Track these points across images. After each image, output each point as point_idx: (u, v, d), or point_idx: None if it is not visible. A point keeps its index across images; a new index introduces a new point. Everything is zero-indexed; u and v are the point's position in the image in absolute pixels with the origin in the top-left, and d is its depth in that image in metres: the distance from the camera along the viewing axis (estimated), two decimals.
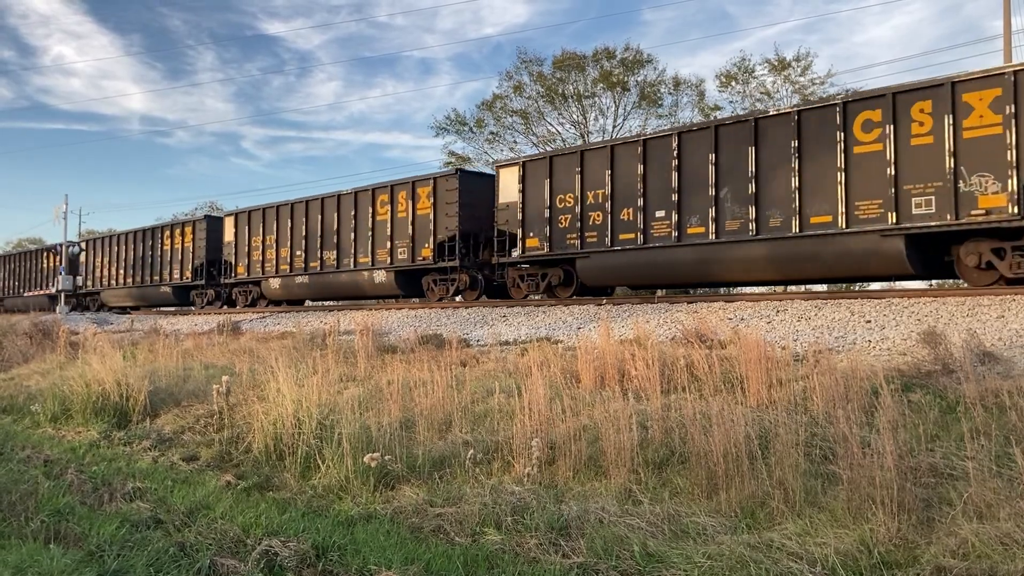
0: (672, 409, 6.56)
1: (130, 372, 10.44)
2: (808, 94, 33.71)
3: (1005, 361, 7.42)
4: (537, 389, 6.79)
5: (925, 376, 7.09)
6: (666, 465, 5.85)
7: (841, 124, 12.90)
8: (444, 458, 6.58)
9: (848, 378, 6.57)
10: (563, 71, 38.80)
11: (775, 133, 13.79)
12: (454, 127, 41.28)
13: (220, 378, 9.47)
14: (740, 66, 36.61)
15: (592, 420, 6.61)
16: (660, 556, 4.43)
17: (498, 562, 4.63)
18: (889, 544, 4.22)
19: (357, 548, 4.91)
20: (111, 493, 6.52)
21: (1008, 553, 3.91)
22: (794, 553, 4.21)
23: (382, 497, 5.99)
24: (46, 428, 9.88)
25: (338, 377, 9.86)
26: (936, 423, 5.87)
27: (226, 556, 4.83)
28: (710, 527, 4.74)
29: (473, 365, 10.34)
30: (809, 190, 13.27)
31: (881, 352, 8.79)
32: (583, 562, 4.47)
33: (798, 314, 11.80)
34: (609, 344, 8.66)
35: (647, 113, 38.78)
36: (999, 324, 9.45)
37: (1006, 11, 23.86)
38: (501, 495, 5.54)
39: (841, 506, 4.68)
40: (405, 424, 7.61)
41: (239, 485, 6.65)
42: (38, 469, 7.51)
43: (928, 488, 4.83)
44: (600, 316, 13.71)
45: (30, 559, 4.73)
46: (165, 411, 9.66)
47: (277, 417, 7.30)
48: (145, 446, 8.40)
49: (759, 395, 6.88)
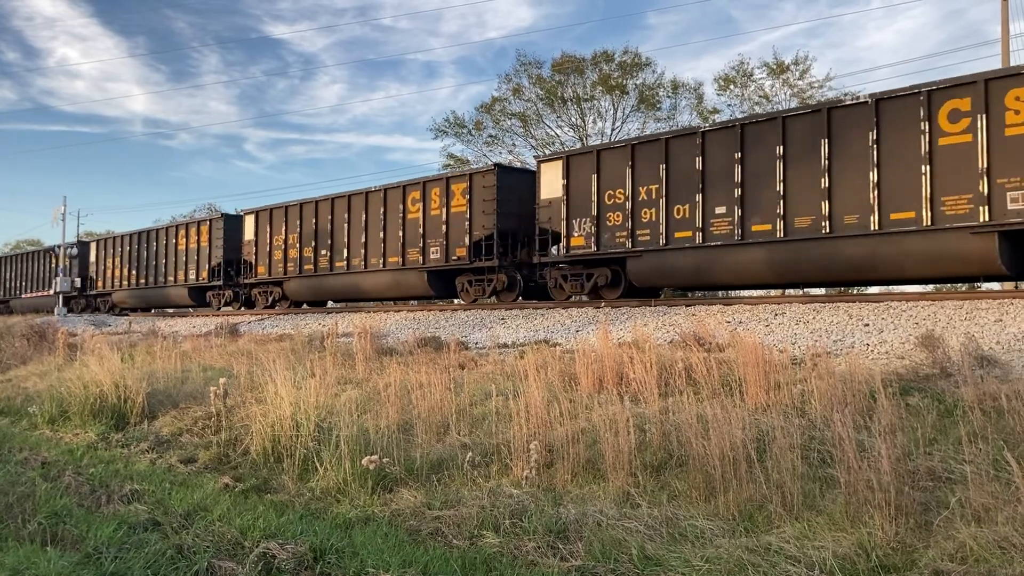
0: (670, 412, 6.56)
1: (128, 374, 10.42)
2: (807, 98, 33.77)
3: (1003, 365, 7.42)
4: (535, 392, 6.78)
5: (923, 379, 7.10)
6: (664, 468, 5.84)
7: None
8: (442, 461, 6.58)
9: (846, 381, 6.57)
10: (562, 74, 38.86)
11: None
12: (453, 129, 41.38)
13: (218, 380, 9.46)
14: (739, 69, 36.71)
15: (590, 423, 6.60)
16: (658, 559, 4.43)
17: (496, 565, 4.63)
18: (887, 548, 4.22)
19: (355, 551, 4.91)
20: (109, 495, 6.51)
21: (1006, 557, 3.91)
22: (792, 557, 4.21)
23: (380, 500, 5.98)
24: (44, 430, 9.86)
25: (336, 380, 9.85)
26: (934, 427, 5.87)
27: (224, 558, 4.82)
28: (708, 530, 4.73)
29: (471, 368, 10.34)
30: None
31: (879, 355, 8.79)
32: (581, 565, 4.47)
33: (796, 317, 11.81)
34: (608, 347, 8.66)
35: (646, 116, 38.88)
36: (997, 328, 9.46)
37: (1004, 16, 23.93)
38: (499, 498, 5.54)
39: (839, 510, 4.68)
40: (403, 427, 7.60)
41: (237, 487, 6.63)
42: (35, 471, 7.50)
43: (926, 492, 4.83)
44: (599, 319, 13.71)
45: (27, 561, 4.72)
46: (163, 413, 9.65)
47: (275, 419, 7.30)
48: (143, 448, 8.39)
49: (757, 398, 6.88)
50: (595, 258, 16.51)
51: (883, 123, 12.61)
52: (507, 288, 18.58)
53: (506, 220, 18.25)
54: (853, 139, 12.93)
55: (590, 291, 16.89)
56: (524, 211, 18.33)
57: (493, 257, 18.14)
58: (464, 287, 19.35)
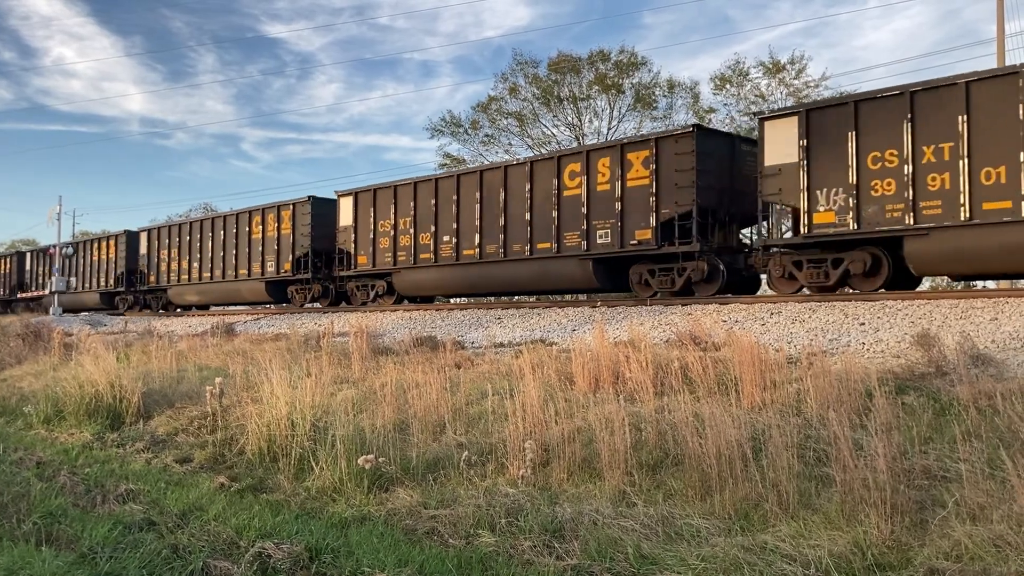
0: (666, 411, 6.56)
1: (124, 374, 10.40)
2: (802, 97, 33.82)
3: (998, 363, 7.44)
4: (531, 391, 6.79)
5: (919, 378, 7.11)
6: (660, 467, 5.85)
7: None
8: (438, 460, 6.58)
9: (842, 380, 6.58)
10: (558, 73, 38.87)
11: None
12: (449, 129, 41.33)
13: (214, 380, 9.45)
14: (734, 69, 36.75)
15: (586, 422, 6.60)
16: (654, 558, 4.43)
17: (492, 564, 4.62)
18: (882, 546, 4.23)
19: (351, 550, 4.90)
20: (104, 495, 6.50)
21: (1001, 555, 3.92)
22: (788, 555, 4.21)
23: (376, 499, 5.98)
24: (39, 430, 9.84)
25: (332, 379, 9.84)
26: (930, 425, 5.88)
27: (219, 558, 4.81)
28: (704, 529, 4.74)
29: (468, 367, 10.34)
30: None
31: (875, 354, 8.81)
32: (577, 564, 4.47)
33: (792, 316, 11.83)
34: (604, 346, 8.66)
35: (642, 115, 38.91)
36: (992, 326, 9.48)
37: (999, 16, 23.99)
38: (495, 497, 5.54)
39: (835, 508, 4.69)
40: (399, 426, 7.60)
41: (232, 487, 6.63)
42: (30, 471, 7.48)
43: (921, 490, 4.84)
44: (595, 318, 13.72)
45: (22, 561, 4.70)
46: (159, 413, 9.63)
47: (271, 419, 7.29)
48: (138, 448, 8.37)
49: (753, 397, 6.89)
50: (851, 238, 13.13)
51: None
52: (707, 279, 15.08)
53: (706, 195, 14.87)
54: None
55: (837, 281, 13.42)
56: (724, 184, 15.21)
57: (692, 240, 14.69)
58: (643, 278, 16.03)
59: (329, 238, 23.02)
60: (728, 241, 15.50)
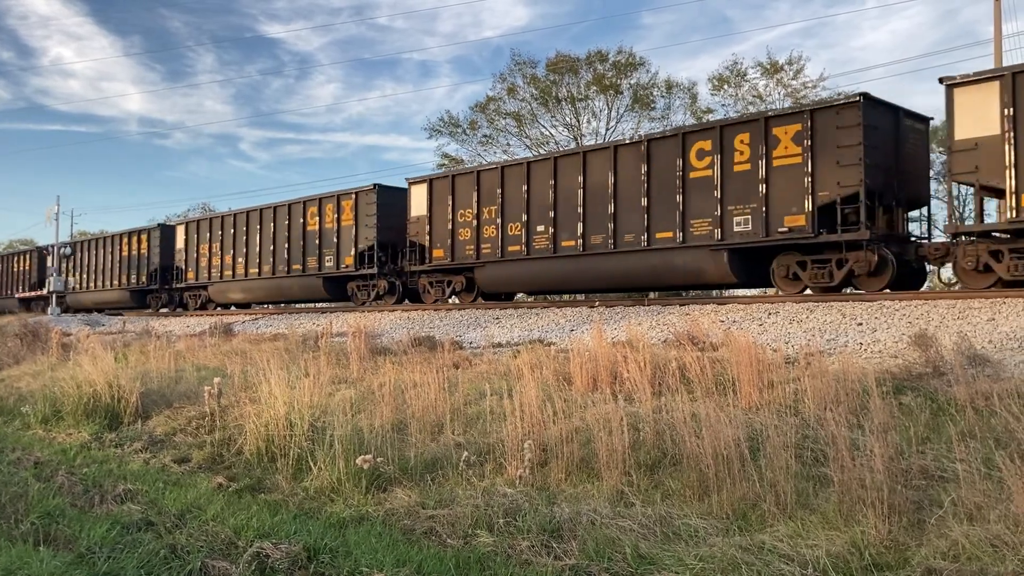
0: (664, 411, 6.56)
1: (122, 374, 10.39)
2: (800, 97, 33.86)
3: (995, 363, 7.45)
4: (529, 391, 6.79)
5: (916, 378, 7.12)
6: (658, 467, 5.85)
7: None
8: (436, 460, 6.58)
9: (839, 380, 6.59)
10: (556, 74, 38.90)
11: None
12: (447, 129, 41.36)
13: (212, 380, 9.44)
14: (732, 69, 36.80)
15: (584, 422, 6.61)
16: (652, 558, 4.43)
17: (490, 564, 4.63)
18: (880, 546, 4.24)
19: (349, 550, 4.90)
20: (102, 495, 6.49)
21: (998, 555, 3.93)
22: (785, 555, 4.22)
23: (374, 499, 5.98)
24: (36, 430, 9.83)
25: (330, 379, 9.83)
26: (927, 425, 5.89)
27: (217, 558, 4.81)
28: (702, 529, 4.74)
29: (466, 367, 10.34)
30: None
31: (872, 354, 8.82)
32: (575, 564, 4.47)
33: (790, 316, 11.84)
34: (602, 346, 8.67)
35: (640, 116, 38.94)
36: (989, 327, 9.50)
37: (996, 17, 24.03)
38: (493, 497, 5.54)
39: (832, 508, 4.70)
40: (397, 426, 7.60)
41: (231, 487, 6.63)
42: (28, 471, 7.47)
43: (919, 490, 4.85)
44: (593, 319, 13.72)
45: (19, 561, 4.70)
46: (157, 413, 9.62)
47: (269, 419, 7.28)
48: (136, 448, 8.37)
49: (751, 397, 6.89)
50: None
51: None
52: (873, 272, 13.21)
53: (874, 175, 13.06)
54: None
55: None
56: (889, 163, 13.57)
57: (859, 226, 12.91)
58: (790, 272, 14.18)
59: (395, 229, 21.19)
60: (893, 228, 13.80)
